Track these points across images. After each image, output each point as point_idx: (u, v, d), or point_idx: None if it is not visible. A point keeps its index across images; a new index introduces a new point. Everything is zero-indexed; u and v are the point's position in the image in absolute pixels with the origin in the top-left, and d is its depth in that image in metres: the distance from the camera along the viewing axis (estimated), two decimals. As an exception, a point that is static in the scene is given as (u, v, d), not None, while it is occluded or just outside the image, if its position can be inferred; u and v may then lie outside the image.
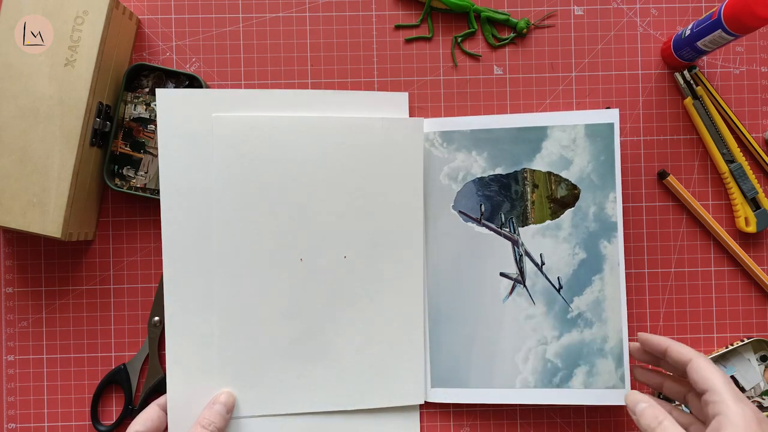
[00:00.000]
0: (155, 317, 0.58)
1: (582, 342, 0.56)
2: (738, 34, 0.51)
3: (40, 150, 0.51)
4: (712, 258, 0.60)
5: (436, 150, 0.58)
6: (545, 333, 0.57)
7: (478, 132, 0.57)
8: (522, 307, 0.57)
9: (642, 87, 0.60)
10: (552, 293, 0.57)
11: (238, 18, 0.60)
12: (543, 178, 0.57)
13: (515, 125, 0.57)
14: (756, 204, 0.59)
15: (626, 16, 0.61)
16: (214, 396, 0.53)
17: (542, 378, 0.56)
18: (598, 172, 0.56)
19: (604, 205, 0.56)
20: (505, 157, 0.57)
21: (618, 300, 0.56)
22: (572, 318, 0.56)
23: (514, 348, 0.57)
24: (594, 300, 0.56)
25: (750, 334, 0.60)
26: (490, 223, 0.57)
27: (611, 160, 0.56)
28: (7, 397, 0.58)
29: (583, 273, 0.56)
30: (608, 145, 0.56)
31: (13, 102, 0.51)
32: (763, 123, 0.61)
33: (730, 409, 0.44)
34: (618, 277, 0.56)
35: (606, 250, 0.56)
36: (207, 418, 0.51)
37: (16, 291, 0.58)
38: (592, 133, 0.56)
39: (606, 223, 0.56)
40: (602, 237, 0.56)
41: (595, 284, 0.56)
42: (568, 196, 0.57)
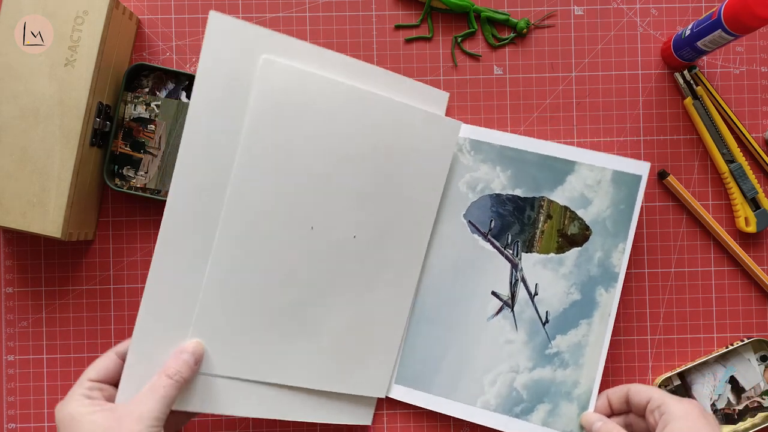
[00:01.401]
0: (155, 317, 0.58)
1: (552, 380, 0.56)
2: (738, 34, 0.51)
3: (40, 150, 0.51)
4: (712, 258, 0.60)
5: (463, 156, 0.57)
6: (519, 362, 0.56)
7: (507, 149, 0.57)
8: (504, 330, 0.57)
9: (642, 87, 0.60)
10: (537, 325, 0.57)
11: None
12: (559, 210, 0.57)
13: (545, 152, 0.57)
14: (756, 204, 0.59)
15: (626, 16, 0.61)
16: (182, 345, 0.49)
17: (504, 404, 0.56)
18: (613, 219, 0.56)
19: (611, 254, 0.56)
20: (528, 180, 0.57)
21: (599, 350, 0.56)
22: (550, 354, 0.56)
23: (485, 368, 0.57)
24: (576, 343, 0.56)
25: (750, 334, 0.60)
26: (496, 241, 0.57)
27: (630, 211, 0.56)
28: (7, 397, 0.58)
29: (573, 314, 0.56)
30: (631, 196, 0.56)
31: (13, 102, 0.51)
32: (763, 123, 0.61)
33: (673, 405, 0.48)
34: (606, 327, 0.56)
35: (601, 298, 0.56)
36: (173, 368, 0.47)
37: (16, 291, 0.58)
38: (618, 180, 0.56)
39: (608, 272, 0.56)
40: (601, 284, 0.56)
41: (581, 328, 0.56)
42: (578, 235, 0.57)
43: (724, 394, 0.59)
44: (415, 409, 0.58)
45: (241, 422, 0.59)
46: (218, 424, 0.58)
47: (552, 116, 0.60)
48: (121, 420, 0.43)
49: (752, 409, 0.59)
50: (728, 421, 0.59)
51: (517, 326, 0.57)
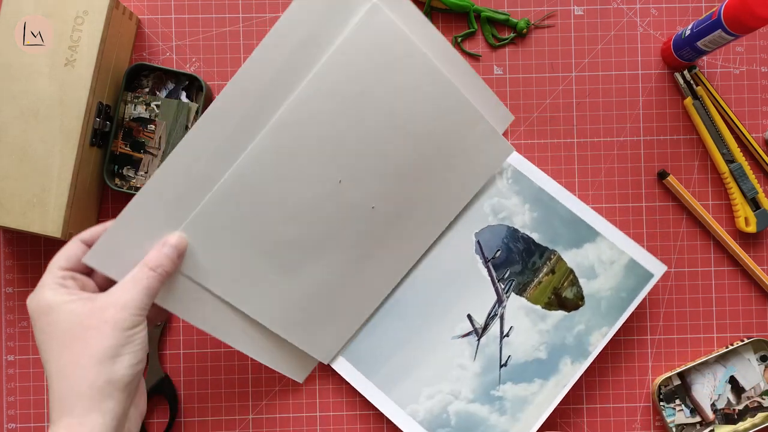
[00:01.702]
0: (155, 317, 0.58)
1: (485, 420, 0.56)
2: (738, 34, 0.51)
3: (40, 150, 0.51)
4: (712, 258, 0.60)
5: (500, 180, 0.57)
6: (462, 389, 0.56)
7: (543, 193, 0.57)
8: (463, 354, 0.57)
9: (642, 87, 0.60)
10: (494, 364, 0.57)
11: (238, 18, 0.60)
12: (564, 270, 0.57)
13: (577, 211, 0.57)
14: (756, 204, 0.59)
15: (626, 16, 0.61)
16: (165, 238, 0.46)
17: (430, 422, 0.56)
18: (610, 302, 0.56)
19: (592, 332, 0.56)
20: (549, 229, 0.57)
21: (541, 413, 0.56)
22: (494, 396, 0.56)
23: (428, 381, 0.56)
24: (522, 397, 0.56)
25: (750, 334, 0.60)
26: (494, 271, 0.57)
27: (629, 301, 0.56)
28: (7, 397, 0.58)
29: (532, 369, 0.56)
30: (636, 289, 0.56)
31: (13, 102, 0.51)
32: (763, 123, 0.61)
33: None
34: (556, 395, 0.56)
35: (564, 368, 0.56)
36: (155, 260, 0.44)
37: (16, 291, 0.58)
38: (632, 268, 0.56)
39: (582, 347, 0.56)
40: (570, 355, 0.56)
41: (534, 386, 0.56)
42: (571, 301, 0.57)
43: (724, 394, 0.59)
44: (347, 387, 0.58)
45: (240, 422, 0.59)
46: (218, 425, 0.58)
47: (552, 116, 0.60)
48: (104, 309, 0.41)
49: (752, 409, 0.59)
50: (728, 421, 0.59)
51: (476, 356, 0.57)
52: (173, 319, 0.59)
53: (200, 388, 0.59)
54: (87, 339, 0.40)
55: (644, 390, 0.59)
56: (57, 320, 0.41)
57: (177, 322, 0.59)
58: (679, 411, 0.59)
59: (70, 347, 0.40)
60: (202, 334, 0.59)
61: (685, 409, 0.59)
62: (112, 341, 0.40)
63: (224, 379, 0.59)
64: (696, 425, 0.59)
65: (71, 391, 0.39)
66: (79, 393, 0.39)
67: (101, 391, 0.39)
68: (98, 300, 0.42)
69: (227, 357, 0.59)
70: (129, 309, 0.41)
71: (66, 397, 0.39)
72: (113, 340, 0.40)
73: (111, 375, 0.40)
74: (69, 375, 0.39)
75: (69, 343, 0.40)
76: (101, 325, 0.40)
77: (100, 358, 0.40)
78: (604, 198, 0.60)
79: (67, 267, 0.44)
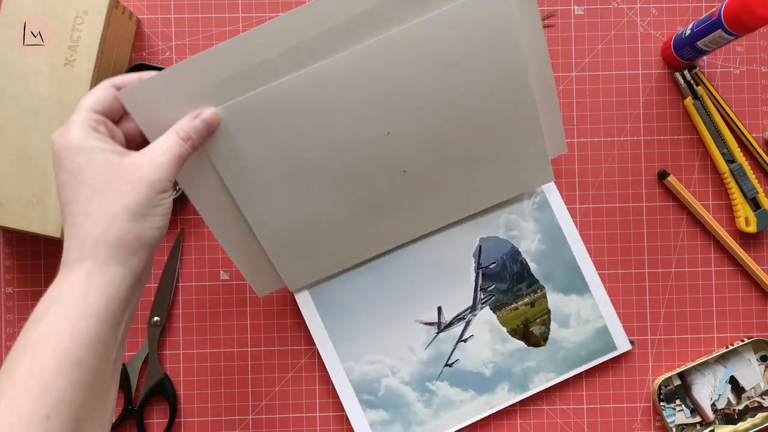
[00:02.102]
0: (155, 317, 0.58)
1: (409, 406, 0.57)
2: (738, 34, 0.51)
3: (40, 150, 0.51)
4: (712, 258, 0.60)
5: (527, 200, 0.58)
6: (402, 369, 0.57)
7: (559, 231, 0.58)
8: (418, 339, 0.57)
9: (642, 87, 0.60)
10: (440, 361, 0.57)
11: (237, 18, 0.60)
12: (543, 308, 0.58)
13: (580, 262, 0.58)
14: (756, 204, 0.59)
15: (626, 16, 0.61)
16: (199, 110, 0.44)
17: (360, 385, 0.57)
18: (567, 355, 0.58)
19: (540, 372, 0.58)
20: (548, 266, 0.58)
21: (459, 422, 0.57)
22: (427, 387, 0.57)
23: (375, 348, 0.57)
24: (451, 400, 0.57)
25: (750, 334, 0.60)
26: (481, 279, 0.58)
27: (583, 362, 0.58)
28: (7, 397, 0.58)
29: (471, 380, 0.58)
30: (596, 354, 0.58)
31: (13, 102, 0.51)
32: (763, 123, 0.61)
33: None
34: (479, 413, 0.57)
35: (500, 392, 0.58)
36: (185, 131, 0.42)
37: (16, 291, 0.58)
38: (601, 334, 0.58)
39: (523, 382, 0.58)
40: (510, 383, 0.58)
41: (465, 395, 0.57)
42: (535, 337, 0.58)
43: (724, 394, 0.59)
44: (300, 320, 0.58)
45: (240, 422, 0.59)
46: (218, 425, 0.58)
47: (552, 116, 0.60)
48: (140, 166, 0.39)
49: (752, 409, 0.59)
50: (728, 421, 0.59)
51: (428, 346, 0.57)
52: (173, 318, 0.59)
53: (200, 388, 0.59)
54: (121, 191, 0.38)
55: (644, 390, 0.59)
56: (88, 164, 0.38)
57: (177, 322, 0.59)
58: (679, 411, 0.59)
59: (101, 195, 0.38)
60: (202, 334, 0.59)
61: (685, 409, 0.59)
62: (146, 199, 0.38)
63: (224, 379, 0.59)
64: (696, 425, 0.59)
65: (98, 239, 0.37)
66: (107, 242, 0.37)
67: (129, 245, 0.38)
68: (132, 156, 0.40)
69: (227, 357, 0.59)
70: (163, 172, 0.39)
71: (90, 242, 0.37)
72: (147, 199, 0.39)
73: (140, 232, 0.38)
74: (97, 222, 0.37)
75: (101, 191, 0.38)
76: (137, 182, 0.38)
77: (133, 213, 0.38)
78: (604, 198, 0.60)
79: (100, 111, 0.41)
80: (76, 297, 0.36)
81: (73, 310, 0.35)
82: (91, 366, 0.35)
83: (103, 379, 0.36)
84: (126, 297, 0.38)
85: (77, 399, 0.34)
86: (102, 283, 0.36)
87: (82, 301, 0.36)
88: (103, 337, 0.36)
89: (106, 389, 0.37)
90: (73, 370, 0.34)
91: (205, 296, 0.59)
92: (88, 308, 0.35)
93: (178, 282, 0.59)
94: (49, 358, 0.33)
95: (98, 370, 0.36)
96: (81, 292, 0.36)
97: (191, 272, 0.59)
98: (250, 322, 0.59)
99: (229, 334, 0.59)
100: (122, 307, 0.38)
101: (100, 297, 0.36)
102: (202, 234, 0.59)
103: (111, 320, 0.37)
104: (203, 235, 0.59)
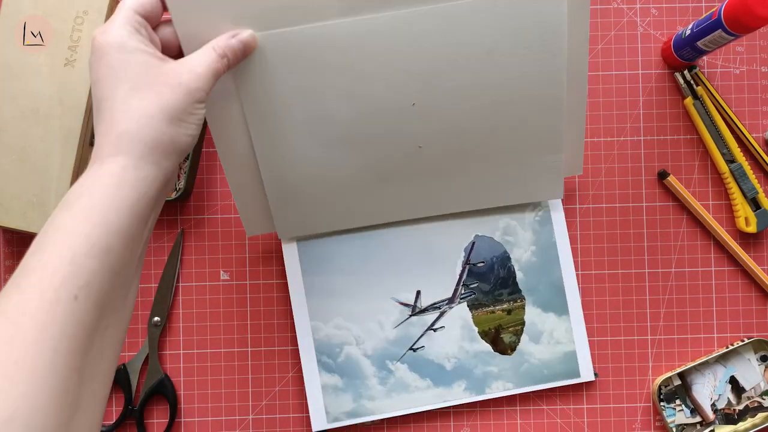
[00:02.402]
0: (155, 317, 0.58)
1: (364, 378, 0.57)
2: (738, 34, 0.51)
3: (40, 150, 0.51)
4: (712, 258, 0.60)
5: (530, 210, 0.58)
6: (366, 342, 0.57)
7: (553, 249, 0.58)
8: (389, 317, 0.57)
9: (642, 87, 0.60)
10: (407, 343, 0.57)
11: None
12: (518, 318, 0.58)
13: (566, 284, 0.58)
14: (756, 204, 0.59)
15: (626, 16, 0.61)
16: (237, 30, 0.44)
17: (322, 346, 0.57)
18: (530, 369, 0.58)
19: (499, 379, 0.57)
20: (533, 279, 0.58)
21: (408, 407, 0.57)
22: (386, 365, 0.57)
23: (345, 315, 0.57)
24: (406, 384, 0.57)
25: (750, 334, 0.60)
26: (465, 275, 0.58)
27: (543, 380, 0.58)
28: (7, 397, 0.58)
29: (430, 370, 0.57)
30: (557, 376, 0.58)
31: (13, 102, 0.51)
32: (763, 123, 0.61)
33: None
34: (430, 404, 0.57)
35: (455, 389, 0.57)
36: (222, 48, 0.42)
37: (16, 291, 0.58)
38: (568, 359, 0.58)
39: (481, 385, 0.57)
40: (468, 383, 0.58)
41: (421, 383, 0.57)
42: (503, 344, 0.58)
43: (724, 394, 0.59)
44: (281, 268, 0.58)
45: (240, 422, 0.59)
46: (218, 425, 0.58)
47: (552, 116, 0.60)
48: (180, 73, 0.39)
49: (752, 409, 0.59)
50: (728, 421, 0.59)
51: (398, 327, 0.57)
52: (173, 318, 0.59)
53: (200, 388, 0.59)
54: (160, 93, 0.38)
55: (644, 390, 0.59)
56: (130, 62, 0.38)
57: (177, 322, 0.59)
58: (679, 411, 0.59)
59: (141, 94, 0.38)
60: (202, 334, 0.59)
61: (686, 409, 0.59)
62: (183, 105, 0.39)
63: (224, 379, 0.59)
64: (696, 425, 0.59)
65: (134, 136, 0.37)
66: (142, 140, 0.37)
67: (163, 146, 0.38)
68: (171, 63, 0.40)
69: (227, 357, 0.59)
70: (201, 82, 0.40)
71: (126, 139, 0.37)
72: (184, 104, 0.39)
73: (175, 136, 0.39)
74: (134, 120, 0.38)
75: (141, 90, 0.38)
76: (176, 86, 0.39)
77: (170, 116, 0.38)
78: (604, 198, 0.60)
79: (140, 13, 0.40)
80: (109, 188, 0.36)
81: (105, 200, 0.35)
82: (119, 256, 0.35)
83: (128, 272, 0.36)
84: (155, 197, 0.38)
85: (104, 285, 0.34)
86: (135, 179, 0.37)
87: (115, 192, 0.36)
88: (132, 231, 0.36)
89: (129, 284, 0.37)
90: (103, 256, 0.34)
91: (205, 296, 0.59)
92: (120, 200, 0.36)
93: (178, 282, 0.59)
94: (81, 242, 0.33)
95: (126, 260, 0.36)
96: (114, 184, 0.36)
97: (191, 272, 0.59)
98: (250, 322, 0.59)
99: (229, 334, 0.59)
100: (150, 206, 0.38)
101: (132, 191, 0.36)
102: (202, 234, 0.59)
103: (140, 215, 0.37)
104: (203, 235, 0.59)
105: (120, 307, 0.36)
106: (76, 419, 0.31)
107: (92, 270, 0.33)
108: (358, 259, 0.57)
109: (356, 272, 0.57)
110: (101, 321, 0.34)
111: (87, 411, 0.32)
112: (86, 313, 0.32)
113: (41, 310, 0.31)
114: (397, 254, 0.58)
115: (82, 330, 0.32)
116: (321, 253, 0.57)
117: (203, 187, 0.59)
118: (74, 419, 0.31)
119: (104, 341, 0.34)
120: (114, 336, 0.35)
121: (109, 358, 0.35)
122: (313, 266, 0.57)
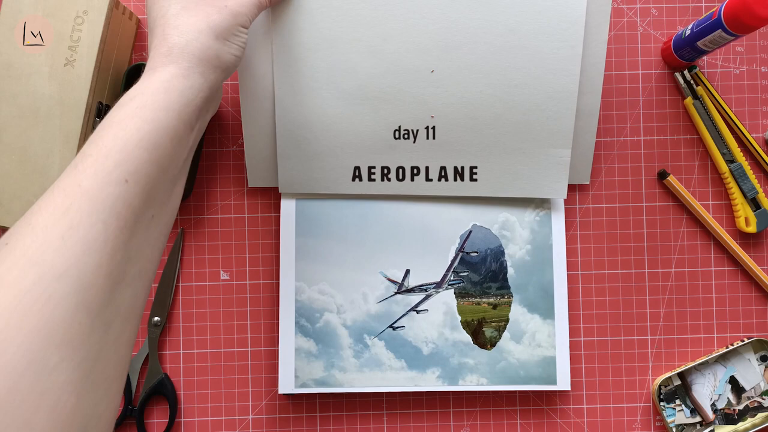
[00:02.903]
0: (155, 317, 0.58)
1: (339, 347, 0.57)
2: (738, 34, 0.51)
3: (40, 150, 0.51)
4: (712, 258, 0.60)
5: (531, 208, 0.58)
6: (347, 313, 0.57)
7: (548, 251, 0.58)
8: (374, 291, 0.57)
9: (642, 87, 0.60)
10: (388, 320, 0.57)
11: (238, 18, 0.59)
12: (503, 314, 0.57)
13: (556, 288, 0.58)
14: (756, 204, 0.59)
15: (626, 16, 0.61)
16: None
17: (303, 309, 0.57)
18: (506, 368, 0.57)
19: (474, 373, 0.57)
20: (523, 278, 0.58)
21: (377, 386, 0.56)
22: (363, 339, 0.57)
23: (331, 281, 0.57)
24: (380, 361, 0.57)
25: (750, 334, 0.60)
26: (457, 262, 0.57)
27: (518, 382, 0.57)
28: (7, 397, 0.58)
29: (406, 351, 0.57)
30: (533, 380, 0.57)
31: (13, 102, 0.51)
32: (763, 123, 0.61)
33: None
34: (402, 385, 0.57)
35: (429, 375, 0.57)
36: None
37: (16, 291, 0.58)
38: (546, 364, 0.57)
39: (455, 375, 0.57)
40: (442, 371, 0.57)
41: (395, 363, 0.57)
42: (483, 338, 0.57)
43: (724, 394, 0.59)
44: (276, 228, 0.58)
45: (240, 422, 0.59)
46: (218, 425, 0.59)
47: (552, 116, 0.60)
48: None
49: (752, 409, 0.59)
50: (728, 421, 0.59)
51: (381, 302, 0.57)
52: (173, 318, 0.59)
53: (200, 388, 0.59)
54: (208, 13, 0.43)
55: (644, 390, 0.59)
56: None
57: (177, 322, 0.59)
58: (679, 411, 0.59)
59: (190, 12, 0.42)
60: (201, 334, 0.59)
61: (685, 409, 0.59)
62: (228, 25, 0.44)
63: (224, 379, 0.59)
64: (696, 425, 0.59)
65: (183, 48, 0.41)
66: (191, 52, 0.41)
67: (209, 60, 0.42)
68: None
69: (227, 357, 0.59)
70: (246, 8, 0.45)
71: (176, 51, 0.41)
72: (229, 25, 0.44)
73: (220, 51, 0.43)
74: (184, 34, 0.41)
75: (190, 9, 0.43)
76: (223, 8, 0.44)
77: (217, 33, 0.43)
78: (604, 198, 0.60)
79: None
80: (160, 91, 0.39)
81: (156, 101, 0.38)
82: (167, 152, 0.38)
83: (174, 172, 0.39)
84: (200, 106, 0.41)
85: (152, 176, 0.36)
86: (183, 86, 0.40)
87: (165, 96, 0.39)
88: (179, 132, 0.39)
89: (174, 183, 0.40)
90: (152, 149, 0.36)
91: (205, 296, 0.59)
92: (169, 103, 0.39)
93: (178, 282, 0.59)
94: (132, 134, 0.36)
95: (172, 158, 0.38)
96: (164, 89, 0.39)
97: (191, 272, 0.59)
98: (250, 322, 0.59)
99: (229, 334, 0.59)
100: (196, 114, 0.41)
101: (181, 97, 0.40)
102: (202, 234, 0.59)
103: (186, 120, 0.40)
104: (203, 235, 0.59)
105: (165, 201, 0.39)
106: (120, 290, 0.34)
107: (142, 160, 0.36)
108: (354, 228, 0.57)
109: (349, 241, 0.57)
110: (148, 209, 0.36)
111: (131, 286, 0.35)
112: (135, 197, 0.35)
113: (95, 187, 0.33)
114: (393, 229, 0.57)
115: (130, 212, 0.34)
116: (318, 216, 0.57)
117: (203, 187, 0.60)
118: (118, 290, 0.34)
119: (149, 229, 0.37)
120: (158, 227, 0.38)
121: (154, 245, 0.38)
122: (307, 228, 0.57)
